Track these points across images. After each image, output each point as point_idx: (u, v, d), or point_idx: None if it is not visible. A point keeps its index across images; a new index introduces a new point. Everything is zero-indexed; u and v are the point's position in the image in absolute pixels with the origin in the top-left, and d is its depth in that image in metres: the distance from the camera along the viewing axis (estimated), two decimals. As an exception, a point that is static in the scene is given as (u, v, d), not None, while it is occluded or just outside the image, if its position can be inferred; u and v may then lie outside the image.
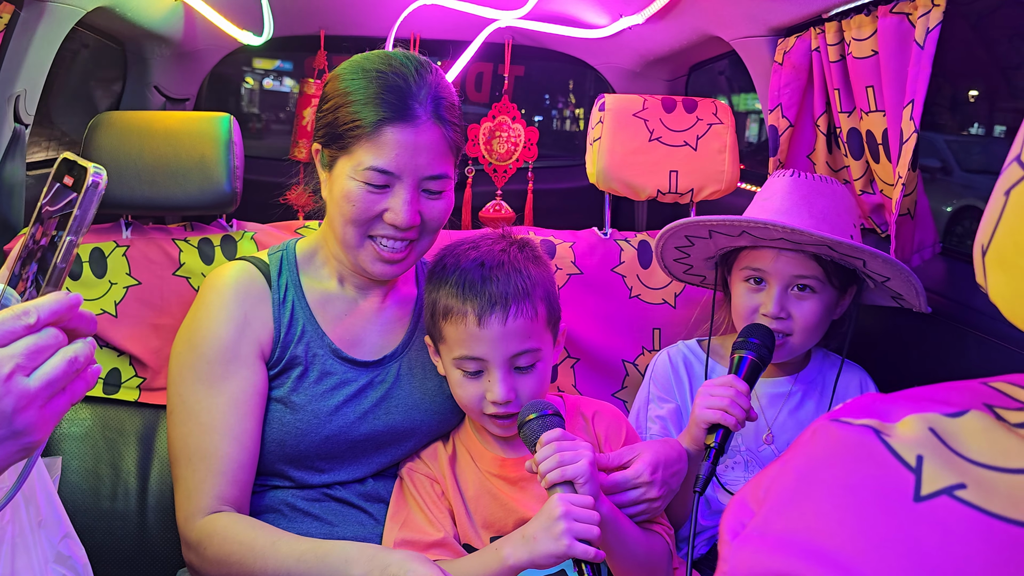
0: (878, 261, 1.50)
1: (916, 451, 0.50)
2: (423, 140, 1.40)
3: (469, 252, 1.45)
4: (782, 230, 1.48)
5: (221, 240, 1.91)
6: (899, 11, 1.52)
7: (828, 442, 0.53)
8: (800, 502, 0.52)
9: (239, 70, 3.24)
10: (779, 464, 0.56)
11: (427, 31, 2.55)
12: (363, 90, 1.40)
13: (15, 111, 1.87)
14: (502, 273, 1.41)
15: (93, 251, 1.83)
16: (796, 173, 1.63)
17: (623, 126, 2.07)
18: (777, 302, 1.57)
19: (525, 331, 1.40)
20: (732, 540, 0.54)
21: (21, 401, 0.73)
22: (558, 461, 1.24)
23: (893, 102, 1.57)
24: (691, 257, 1.77)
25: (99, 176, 0.79)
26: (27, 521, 0.96)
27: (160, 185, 1.82)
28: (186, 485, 1.39)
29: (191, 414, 1.42)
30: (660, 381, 1.72)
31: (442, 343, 1.45)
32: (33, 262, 0.80)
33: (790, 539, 0.50)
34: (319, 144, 1.48)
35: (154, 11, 2.15)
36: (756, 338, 1.49)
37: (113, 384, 1.80)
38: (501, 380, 1.39)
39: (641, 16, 2.21)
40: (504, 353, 1.39)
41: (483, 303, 1.38)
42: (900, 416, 0.53)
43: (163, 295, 1.83)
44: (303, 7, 2.42)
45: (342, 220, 1.43)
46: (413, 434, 1.52)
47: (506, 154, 2.82)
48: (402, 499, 1.49)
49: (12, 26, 1.73)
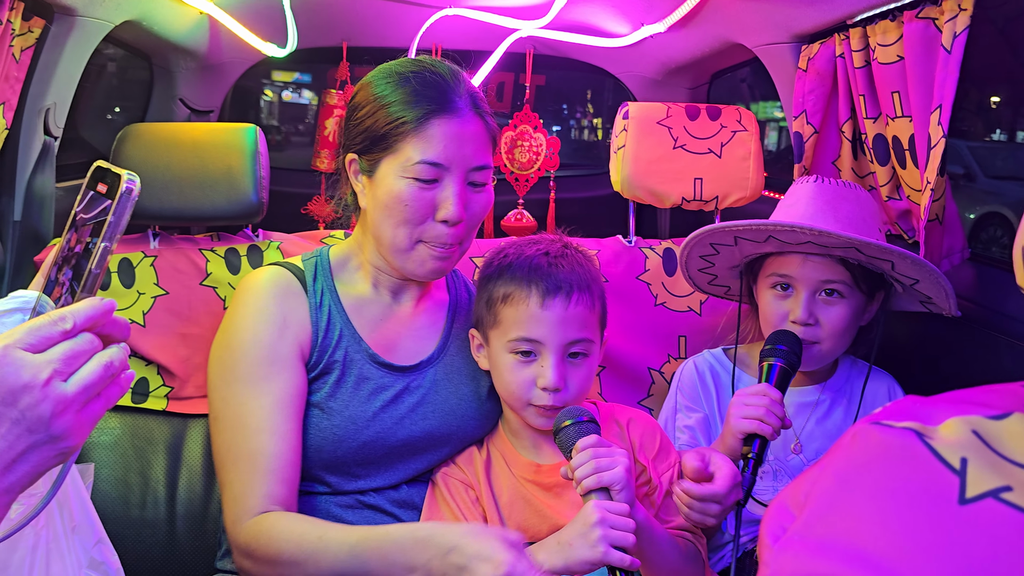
0: (907, 262, 1.49)
1: (960, 453, 0.49)
2: (468, 130, 1.42)
3: (530, 245, 1.48)
4: (809, 232, 1.47)
5: (247, 250, 1.93)
6: (925, 16, 1.51)
7: (869, 445, 0.53)
8: (842, 505, 0.51)
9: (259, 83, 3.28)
10: (819, 468, 0.56)
11: (449, 41, 2.56)
12: (401, 91, 1.42)
13: (45, 124, 1.90)
14: (566, 262, 1.45)
15: (121, 261, 1.85)
16: (820, 179, 1.63)
17: (647, 134, 2.07)
18: (805, 308, 1.56)
19: (583, 320, 1.42)
20: (773, 544, 0.54)
21: (58, 406, 0.74)
22: (594, 467, 1.24)
23: (920, 107, 1.56)
24: (716, 266, 1.76)
25: (132, 183, 0.80)
26: (61, 526, 0.97)
27: (187, 196, 1.84)
28: (232, 489, 1.38)
29: (235, 417, 1.41)
30: (687, 390, 1.71)
31: (495, 328, 1.46)
32: (68, 269, 0.82)
33: (832, 543, 0.50)
34: (354, 153, 1.48)
35: (180, 25, 2.18)
36: (784, 344, 1.48)
37: (141, 393, 1.82)
38: (555, 366, 1.40)
39: (663, 24, 2.21)
40: (562, 338, 1.41)
41: (548, 285, 1.41)
42: (942, 419, 0.53)
43: (190, 305, 1.85)
44: (327, 19, 2.45)
45: (392, 223, 1.43)
46: (449, 439, 1.52)
47: (528, 163, 2.82)
48: (435, 505, 1.48)
49: (43, 40, 1.76)
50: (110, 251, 0.81)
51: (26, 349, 0.75)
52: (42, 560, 0.92)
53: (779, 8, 1.80)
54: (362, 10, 2.36)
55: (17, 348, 0.74)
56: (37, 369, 0.74)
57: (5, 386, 0.73)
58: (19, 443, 0.74)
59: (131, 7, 1.91)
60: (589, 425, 1.30)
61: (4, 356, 0.73)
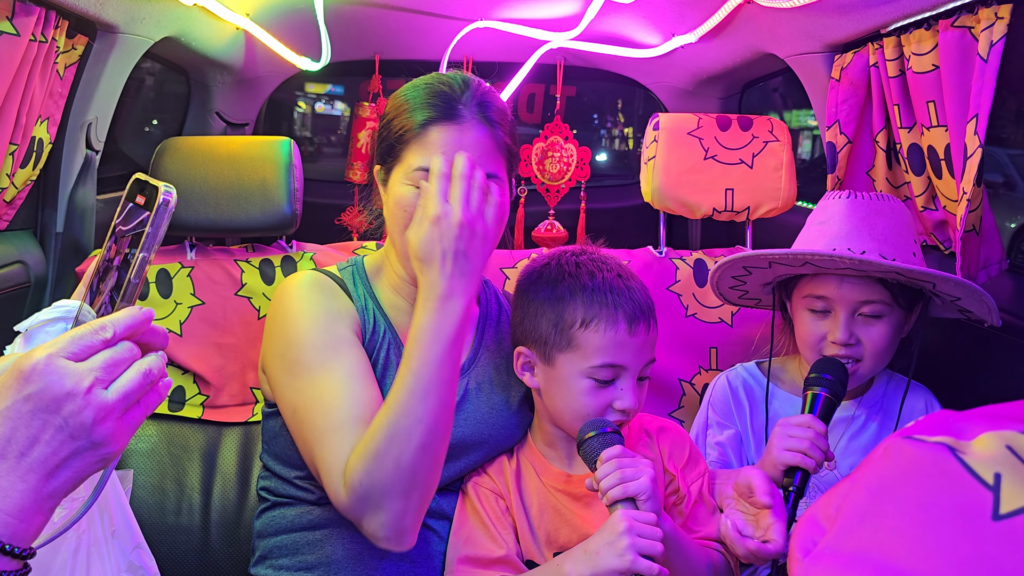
0: (949, 284, 1.46)
1: (993, 469, 0.49)
2: (468, 138, 1.40)
3: (590, 263, 1.46)
4: (849, 261, 1.44)
5: (281, 261, 1.96)
6: (960, 24, 1.49)
7: (901, 460, 0.53)
8: (873, 520, 0.51)
9: (293, 95, 3.32)
10: (850, 482, 0.55)
11: (480, 54, 2.58)
12: (413, 100, 1.44)
13: (87, 138, 1.95)
14: (637, 284, 1.46)
15: (159, 272, 1.89)
16: (852, 194, 1.59)
17: (678, 144, 2.06)
18: (845, 329, 1.53)
19: (654, 342, 1.44)
20: (804, 558, 0.53)
21: (100, 413, 0.76)
22: (619, 478, 1.24)
23: (956, 117, 1.54)
24: (747, 284, 1.74)
25: (169, 195, 0.82)
26: (101, 531, 0.99)
27: (223, 208, 1.88)
28: (326, 463, 1.30)
29: (312, 401, 1.35)
30: (719, 406, 1.69)
31: (569, 352, 1.40)
32: (108, 279, 0.83)
33: (863, 557, 0.50)
34: (378, 164, 1.50)
35: (217, 40, 2.23)
36: (829, 374, 1.45)
37: (178, 402, 1.85)
38: (633, 388, 1.41)
39: (694, 35, 2.20)
40: (642, 361, 1.42)
41: (633, 310, 1.40)
42: (975, 434, 0.52)
43: (226, 315, 1.88)
44: (359, 33, 2.48)
45: (398, 229, 1.42)
46: (480, 447, 1.52)
47: (558, 174, 2.83)
48: (465, 515, 1.49)
49: (85, 57, 1.81)
50: (148, 261, 0.83)
51: (69, 358, 0.77)
52: (83, 563, 0.95)
53: (811, 18, 1.79)
54: (394, 23, 2.38)
55: (60, 357, 0.76)
56: (80, 377, 0.76)
57: (49, 394, 0.75)
58: (62, 449, 0.75)
59: (170, 24, 1.95)
60: (613, 436, 1.30)
61: (48, 365, 0.75)
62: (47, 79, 1.69)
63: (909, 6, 1.55)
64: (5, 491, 0.73)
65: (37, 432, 0.75)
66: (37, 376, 0.75)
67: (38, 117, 1.72)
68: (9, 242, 1.80)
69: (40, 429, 0.75)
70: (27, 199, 1.84)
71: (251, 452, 1.84)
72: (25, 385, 0.75)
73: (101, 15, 1.70)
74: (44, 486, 0.75)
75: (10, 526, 0.73)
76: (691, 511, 1.45)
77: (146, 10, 1.81)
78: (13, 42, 1.50)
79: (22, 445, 0.74)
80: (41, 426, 0.75)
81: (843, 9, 1.69)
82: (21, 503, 0.74)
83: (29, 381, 0.75)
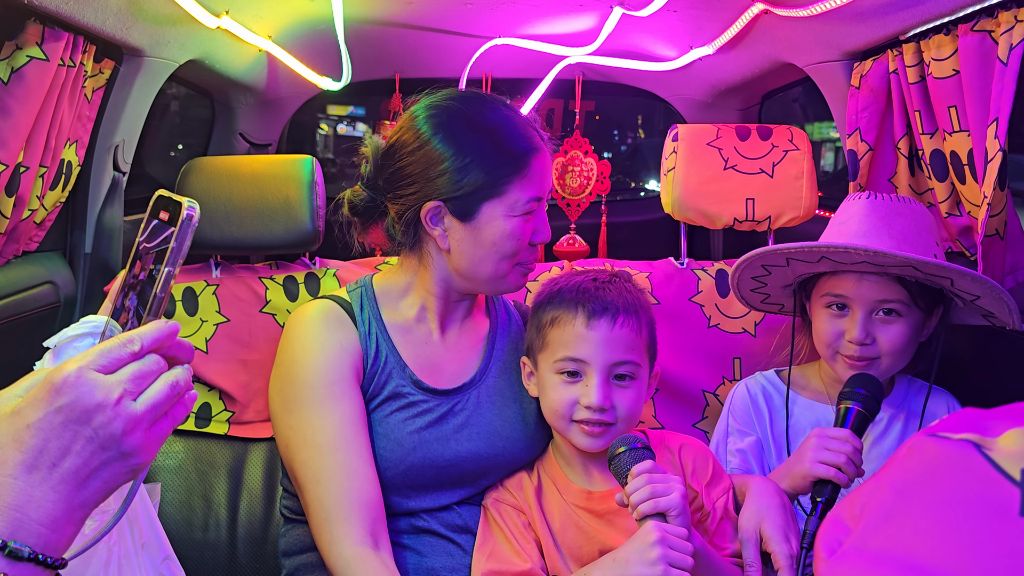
0: (966, 279, 1.45)
1: (1020, 465, 0.48)
2: (548, 160, 1.53)
3: (581, 275, 1.52)
4: (863, 253, 1.45)
5: (305, 277, 1.98)
6: (980, 29, 1.49)
7: (926, 457, 0.52)
8: (898, 518, 0.51)
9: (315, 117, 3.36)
10: (875, 480, 0.55)
11: (498, 71, 2.60)
12: (492, 140, 1.47)
13: (114, 160, 1.99)
14: (614, 287, 1.48)
15: (185, 290, 1.92)
16: (872, 195, 1.60)
17: (697, 155, 2.06)
18: (862, 327, 1.53)
19: (628, 342, 1.43)
20: (829, 557, 0.53)
21: (129, 424, 0.77)
22: (650, 492, 1.23)
23: (977, 121, 1.53)
24: (768, 286, 1.74)
25: (192, 210, 0.84)
26: (131, 543, 1.00)
27: (248, 226, 1.90)
28: (319, 508, 1.38)
29: (307, 440, 1.42)
30: (739, 413, 1.69)
31: (543, 351, 1.48)
32: (133, 295, 0.85)
33: (889, 555, 0.49)
34: (438, 201, 1.47)
35: (240, 62, 2.26)
36: (864, 388, 1.43)
37: (204, 418, 1.87)
38: (599, 386, 1.41)
39: (711, 47, 2.21)
40: (606, 359, 1.42)
41: (594, 306, 1.44)
42: (1001, 431, 0.52)
43: (251, 331, 1.90)
44: (379, 52, 2.51)
45: (497, 257, 1.49)
46: (496, 461, 1.53)
47: (579, 188, 2.83)
48: (488, 530, 1.49)
49: (112, 80, 1.85)
50: (173, 276, 0.84)
51: (98, 370, 0.78)
52: (114, 574, 0.96)
53: (830, 26, 1.79)
54: (414, 42, 2.41)
55: (90, 369, 0.78)
56: (109, 389, 0.77)
57: (80, 406, 0.76)
58: (93, 460, 0.77)
59: (195, 47, 1.99)
60: (643, 452, 1.30)
61: (78, 377, 0.77)
62: (75, 102, 1.73)
63: (928, 11, 1.55)
64: (38, 501, 0.74)
65: (68, 443, 0.76)
66: (68, 388, 0.76)
67: (67, 140, 1.75)
68: (39, 263, 1.84)
69: (71, 440, 0.76)
70: (56, 221, 1.88)
71: (277, 468, 1.86)
72: (56, 397, 0.76)
73: (127, 39, 1.73)
74: (75, 496, 0.76)
75: (43, 536, 0.74)
76: (717, 528, 1.44)
77: (171, 34, 1.85)
78: (43, 67, 1.54)
79: (54, 456, 0.76)
80: (72, 437, 0.76)
81: (861, 16, 1.68)
82: (53, 513, 0.75)
83: (60, 393, 0.76)
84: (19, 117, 1.54)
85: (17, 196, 1.63)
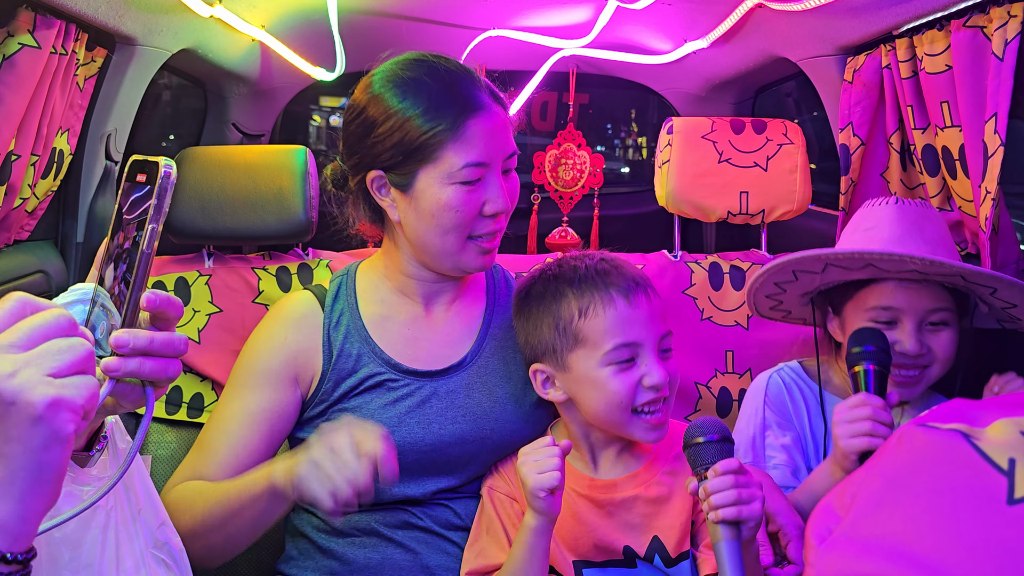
0: (1014, 290, 1.41)
1: (1008, 454, 0.49)
2: (496, 122, 1.43)
3: (576, 261, 1.44)
4: (920, 262, 1.39)
5: (298, 268, 1.97)
6: (973, 24, 1.49)
7: (916, 447, 0.53)
8: (888, 506, 0.51)
9: (308, 108, 3.35)
10: (865, 469, 0.55)
11: (493, 62, 2.59)
12: (425, 97, 1.40)
13: (106, 149, 1.98)
14: (624, 265, 1.42)
15: (178, 280, 1.91)
16: (899, 200, 1.55)
17: (692, 148, 2.07)
18: (915, 339, 1.46)
19: (663, 312, 1.40)
20: (819, 545, 0.54)
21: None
22: (735, 497, 1.17)
23: (970, 117, 1.54)
24: (786, 293, 1.66)
25: (169, 168, 0.83)
26: (129, 509, 1.01)
27: (240, 216, 1.90)
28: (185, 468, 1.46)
29: (215, 413, 1.50)
30: (776, 406, 1.61)
31: (579, 348, 1.38)
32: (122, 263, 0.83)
33: (878, 543, 0.50)
34: (379, 169, 1.44)
35: (233, 52, 2.25)
36: (871, 344, 1.39)
37: (196, 408, 1.87)
38: (658, 362, 1.36)
39: (706, 40, 2.21)
40: (656, 332, 1.38)
41: (627, 284, 1.38)
42: (989, 420, 0.53)
43: (243, 322, 1.89)
44: (373, 42, 2.49)
45: (442, 230, 1.42)
46: (483, 444, 1.50)
47: (572, 181, 2.84)
48: (479, 527, 1.46)
49: (105, 69, 1.84)
50: (158, 233, 0.83)
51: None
52: (112, 538, 0.96)
53: (823, 20, 1.79)
54: (408, 33, 2.40)
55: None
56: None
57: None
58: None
59: (187, 36, 1.98)
60: (727, 445, 1.23)
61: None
62: (67, 91, 1.72)
63: (921, 7, 1.55)
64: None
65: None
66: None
67: (58, 128, 1.74)
68: (31, 252, 1.83)
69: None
70: (48, 210, 1.87)
71: (269, 458, 1.85)
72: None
73: (120, 28, 1.72)
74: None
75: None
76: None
77: (163, 22, 1.84)
78: (34, 55, 1.53)
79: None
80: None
81: (855, 11, 1.69)
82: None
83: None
84: (10, 105, 1.53)
85: (8, 184, 1.62)
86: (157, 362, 0.84)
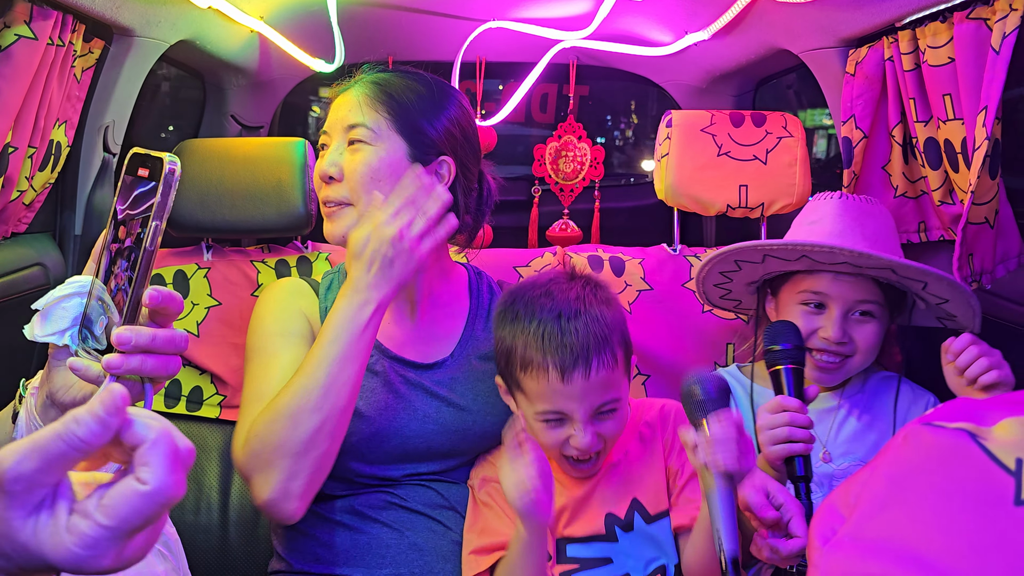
0: (943, 284, 1.46)
1: (1015, 454, 0.49)
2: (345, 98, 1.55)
3: (543, 300, 1.41)
4: (848, 254, 1.45)
5: (297, 261, 1.97)
6: (976, 17, 1.49)
7: (921, 446, 0.52)
8: (893, 507, 0.51)
9: (307, 100, 3.34)
10: (870, 469, 0.55)
11: (492, 54, 2.58)
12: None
13: (104, 141, 1.97)
14: (580, 324, 1.36)
15: (176, 273, 1.90)
16: (843, 195, 1.62)
17: (691, 141, 2.06)
18: (838, 327, 1.54)
19: (607, 382, 1.36)
20: (823, 546, 0.53)
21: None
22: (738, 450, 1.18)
23: (971, 110, 1.53)
24: (733, 282, 1.72)
25: (174, 164, 0.80)
26: None
27: (239, 208, 1.89)
28: (238, 425, 1.43)
29: (252, 380, 1.47)
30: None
31: (520, 394, 1.42)
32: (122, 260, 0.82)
33: (884, 544, 0.49)
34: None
35: (232, 43, 2.24)
36: (786, 342, 1.39)
37: (195, 402, 1.86)
38: (585, 431, 1.37)
39: (707, 32, 2.20)
40: (588, 407, 1.36)
41: (565, 357, 1.34)
42: (996, 420, 0.52)
43: (242, 315, 1.89)
44: (373, 34, 2.49)
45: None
46: (465, 435, 1.53)
47: (572, 173, 2.83)
48: (477, 510, 1.49)
49: (102, 61, 1.83)
50: (161, 230, 0.81)
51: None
52: None
53: (825, 12, 1.78)
54: (407, 25, 2.39)
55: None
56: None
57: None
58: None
59: (185, 27, 1.97)
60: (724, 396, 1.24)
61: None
62: (64, 82, 1.71)
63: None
64: None
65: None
66: None
67: (56, 120, 1.73)
68: (28, 245, 1.82)
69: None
70: (46, 202, 1.86)
71: (268, 452, 1.85)
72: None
73: (117, 19, 1.71)
74: None
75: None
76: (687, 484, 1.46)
77: (161, 14, 1.83)
78: (31, 46, 1.52)
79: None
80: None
81: (857, 3, 1.68)
82: None
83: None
84: (7, 97, 1.52)
85: (6, 177, 1.61)
86: (158, 359, 0.83)
